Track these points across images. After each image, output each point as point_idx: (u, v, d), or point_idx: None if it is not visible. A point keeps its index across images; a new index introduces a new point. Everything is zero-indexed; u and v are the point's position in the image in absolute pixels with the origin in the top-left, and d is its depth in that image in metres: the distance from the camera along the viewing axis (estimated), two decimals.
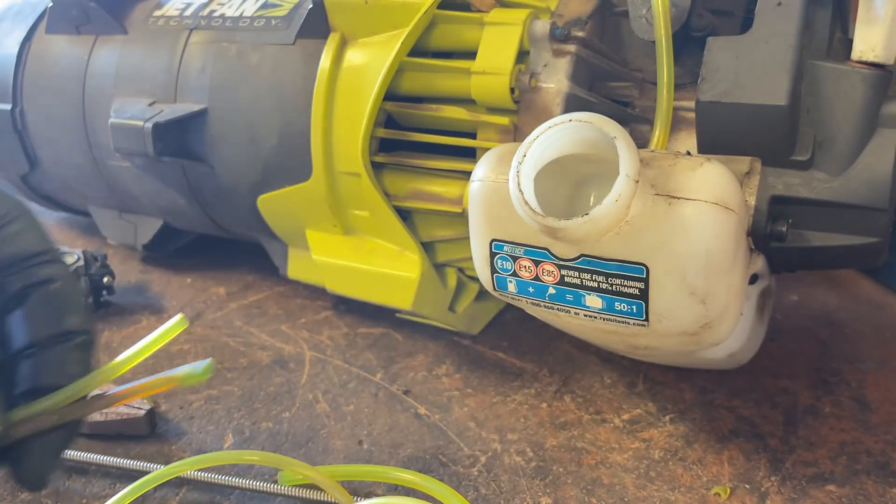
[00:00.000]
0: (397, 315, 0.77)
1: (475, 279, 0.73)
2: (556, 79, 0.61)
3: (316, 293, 0.86)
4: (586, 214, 0.44)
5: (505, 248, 0.52)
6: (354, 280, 0.72)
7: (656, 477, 0.57)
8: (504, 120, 0.62)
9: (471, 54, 0.63)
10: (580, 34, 0.62)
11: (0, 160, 0.97)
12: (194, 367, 0.42)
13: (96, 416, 0.63)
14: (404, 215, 0.68)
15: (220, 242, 0.96)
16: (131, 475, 0.58)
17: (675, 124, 0.60)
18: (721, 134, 0.55)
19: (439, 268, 0.71)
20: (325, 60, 0.68)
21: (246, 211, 0.78)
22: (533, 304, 0.54)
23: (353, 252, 0.72)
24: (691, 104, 0.58)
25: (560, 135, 0.47)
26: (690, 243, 0.46)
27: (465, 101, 0.64)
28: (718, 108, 0.54)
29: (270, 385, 0.71)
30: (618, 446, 0.61)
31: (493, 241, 0.53)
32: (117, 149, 0.78)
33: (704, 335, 0.51)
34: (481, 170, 0.53)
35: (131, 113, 0.77)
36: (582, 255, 0.49)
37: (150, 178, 0.83)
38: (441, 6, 0.64)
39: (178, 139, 0.76)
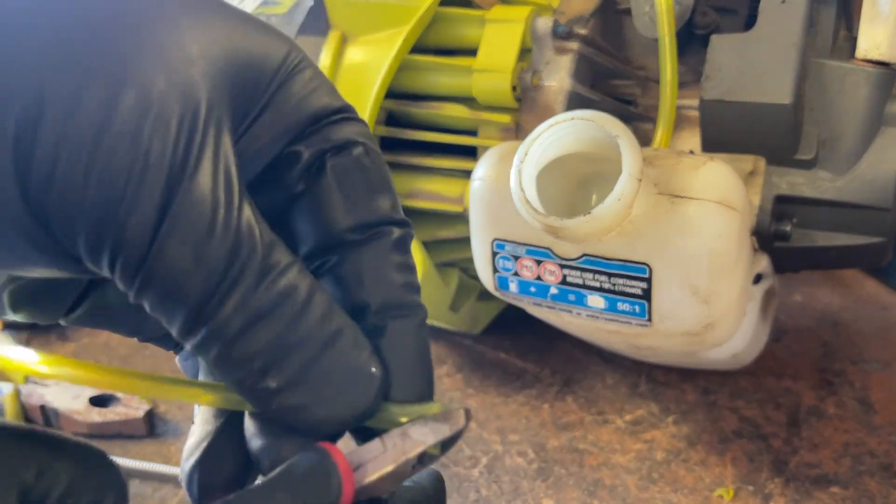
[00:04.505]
0: None
1: (476, 279, 0.72)
2: (558, 77, 0.61)
3: None
4: (588, 213, 0.44)
5: (506, 248, 0.52)
6: None
7: (659, 478, 0.57)
8: (506, 118, 0.62)
9: (472, 52, 0.63)
10: (582, 32, 0.62)
11: None
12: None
13: (95, 417, 0.62)
14: (405, 214, 0.68)
15: None
16: (130, 475, 0.57)
17: (679, 123, 0.60)
18: (724, 132, 0.55)
19: (440, 267, 0.71)
20: (326, 58, 0.67)
21: None
22: (535, 304, 0.53)
23: None
24: (694, 102, 0.57)
25: (562, 133, 0.46)
26: (693, 243, 0.46)
27: (467, 100, 0.64)
28: (722, 106, 0.54)
29: None
30: (620, 447, 0.60)
31: (494, 240, 0.52)
32: None
33: (707, 335, 0.50)
34: (482, 168, 0.53)
35: None
36: (584, 255, 0.49)
37: None
38: (442, 3, 0.64)
39: None
